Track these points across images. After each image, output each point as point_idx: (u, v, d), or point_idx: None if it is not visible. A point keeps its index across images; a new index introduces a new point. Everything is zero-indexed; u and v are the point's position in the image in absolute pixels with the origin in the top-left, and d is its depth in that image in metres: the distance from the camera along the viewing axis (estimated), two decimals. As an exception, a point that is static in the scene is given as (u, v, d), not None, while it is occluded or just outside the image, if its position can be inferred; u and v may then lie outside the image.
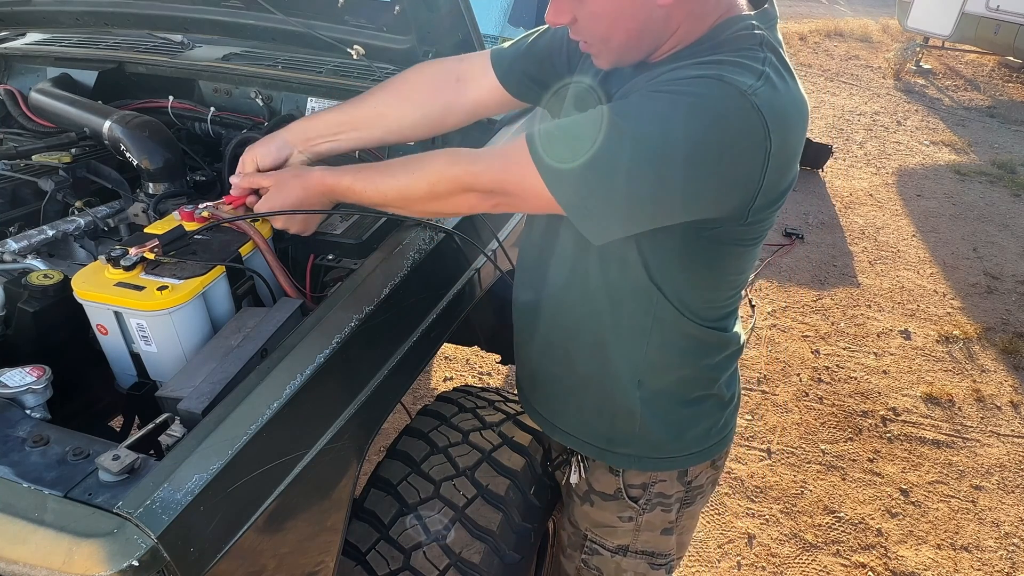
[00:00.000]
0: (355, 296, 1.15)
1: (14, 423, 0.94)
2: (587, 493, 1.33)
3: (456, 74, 1.31)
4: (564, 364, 1.24)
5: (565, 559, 1.46)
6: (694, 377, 1.21)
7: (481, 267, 1.47)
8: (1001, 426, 3.02)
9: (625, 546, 1.34)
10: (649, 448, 1.24)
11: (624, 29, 0.97)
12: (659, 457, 1.25)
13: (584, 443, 1.28)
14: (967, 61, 8.69)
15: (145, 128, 1.53)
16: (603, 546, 1.35)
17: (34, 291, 1.15)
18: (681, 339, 1.15)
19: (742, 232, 1.01)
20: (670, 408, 1.21)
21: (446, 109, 1.32)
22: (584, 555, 1.38)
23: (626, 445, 1.24)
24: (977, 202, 5.09)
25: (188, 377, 1.01)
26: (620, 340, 1.16)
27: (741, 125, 0.87)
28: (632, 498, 1.28)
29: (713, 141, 0.88)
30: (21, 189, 1.53)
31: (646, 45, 1.00)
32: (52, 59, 1.96)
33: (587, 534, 1.36)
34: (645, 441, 1.23)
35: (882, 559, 2.40)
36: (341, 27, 1.55)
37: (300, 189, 1.18)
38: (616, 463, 1.27)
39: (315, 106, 1.84)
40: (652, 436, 1.22)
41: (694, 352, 1.18)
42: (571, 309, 1.18)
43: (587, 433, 1.27)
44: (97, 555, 0.74)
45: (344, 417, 1.08)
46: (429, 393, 3.02)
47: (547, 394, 1.33)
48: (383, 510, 1.33)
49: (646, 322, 1.13)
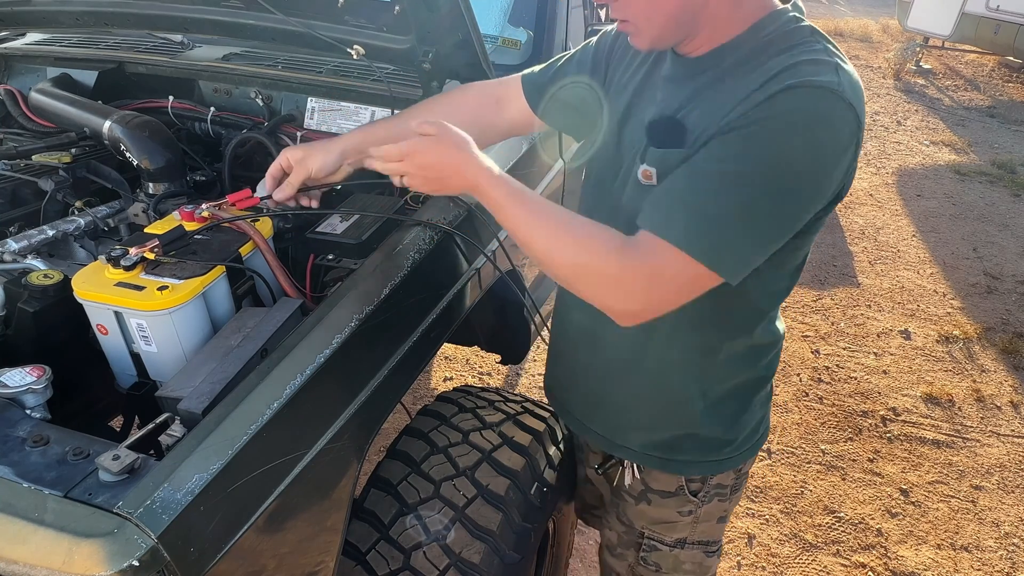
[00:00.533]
0: (355, 296, 1.15)
1: (14, 423, 0.94)
2: (643, 492, 1.34)
3: (496, 96, 1.36)
4: (627, 386, 1.25)
5: (613, 558, 1.46)
6: (753, 379, 1.23)
7: (481, 267, 1.47)
8: (1001, 426, 3.02)
9: (684, 539, 1.35)
10: (710, 451, 1.26)
11: (665, 7, 0.97)
12: (719, 459, 1.27)
13: (647, 456, 1.28)
14: (967, 61, 8.68)
15: (145, 128, 1.53)
16: (662, 541, 1.36)
17: (34, 291, 1.15)
18: (746, 346, 1.18)
19: (819, 218, 1.02)
20: (730, 412, 1.23)
21: (487, 129, 1.35)
22: (643, 552, 1.38)
23: (688, 452, 1.26)
24: (977, 202, 5.09)
25: (188, 377, 1.01)
26: (689, 360, 1.17)
27: (841, 123, 0.91)
28: (692, 492, 1.30)
29: (827, 149, 0.91)
30: (21, 189, 1.54)
31: (684, 27, 0.99)
32: (52, 59, 1.96)
33: (644, 531, 1.37)
34: (706, 446, 1.25)
35: (882, 559, 2.40)
36: (341, 27, 1.55)
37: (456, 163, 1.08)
38: (679, 471, 1.28)
39: (315, 106, 1.84)
40: (713, 441, 1.24)
41: (755, 355, 1.20)
42: (637, 334, 1.11)
43: (649, 446, 1.27)
44: (97, 555, 0.74)
45: (344, 417, 1.08)
46: (429, 393, 3.02)
47: (607, 414, 1.32)
48: (383, 510, 1.33)
49: (719, 338, 1.15)
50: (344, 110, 1.81)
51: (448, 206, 1.42)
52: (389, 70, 1.78)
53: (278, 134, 1.77)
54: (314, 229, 1.35)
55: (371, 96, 1.78)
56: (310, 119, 1.83)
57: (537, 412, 1.61)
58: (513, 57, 2.00)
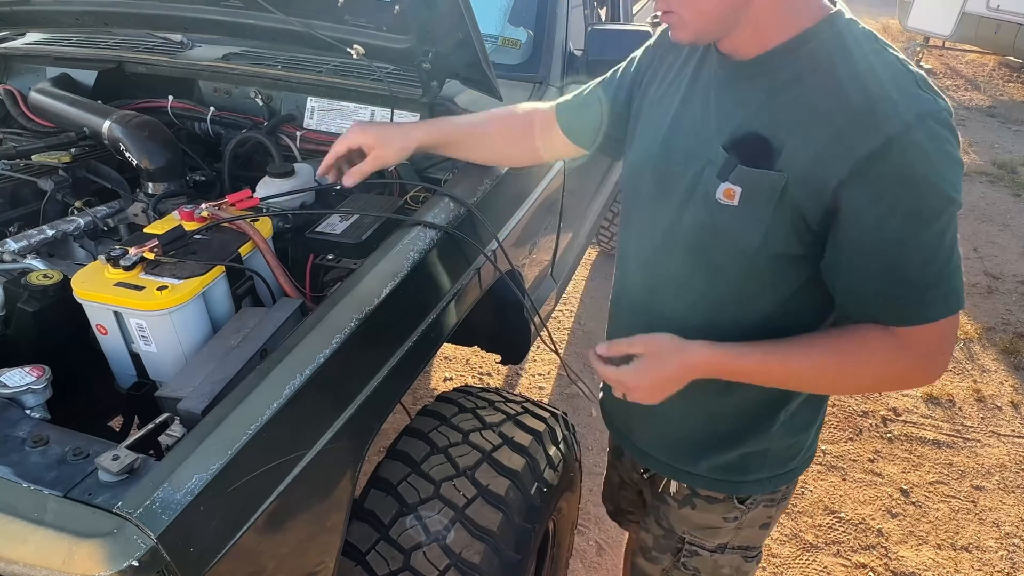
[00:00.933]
0: (355, 296, 1.15)
1: (14, 423, 0.94)
2: (688, 497, 1.30)
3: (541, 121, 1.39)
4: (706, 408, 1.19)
5: (647, 561, 1.43)
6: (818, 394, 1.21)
7: (481, 267, 1.46)
8: (1001, 426, 3.02)
9: (725, 544, 1.33)
10: (778, 465, 1.24)
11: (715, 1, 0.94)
12: (784, 472, 1.25)
13: (716, 481, 1.25)
14: (967, 61, 8.68)
15: (145, 128, 1.53)
16: (703, 547, 1.33)
17: (34, 291, 1.15)
18: None
19: None
20: (803, 420, 1.21)
21: (534, 150, 1.42)
22: (682, 558, 1.36)
23: (758, 470, 1.23)
24: (977, 202, 5.08)
25: (188, 377, 1.01)
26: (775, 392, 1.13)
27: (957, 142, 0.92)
28: (740, 500, 1.27)
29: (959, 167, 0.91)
30: (21, 189, 1.54)
31: (728, 23, 0.96)
32: (52, 59, 1.96)
33: (685, 536, 1.34)
34: (776, 461, 1.23)
35: (882, 559, 2.40)
36: (341, 27, 1.55)
37: (680, 368, 1.06)
38: (750, 491, 1.26)
39: (315, 105, 1.84)
40: (782, 454, 1.23)
41: None
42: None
43: (718, 469, 1.24)
44: (97, 555, 0.74)
45: (344, 417, 1.08)
46: (429, 393, 3.02)
47: (674, 440, 1.28)
48: (383, 510, 1.32)
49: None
50: (344, 110, 1.81)
51: (448, 206, 1.42)
52: (389, 70, 1.78)
53: (278, 134, 1.77)
54: (314, 229, 1.35)
55: (371, 96, 1.78)
56: (310, 119, 1.83)
57: (537, 412, 1.61)
58: (513, 57, 2.00)
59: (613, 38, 1.98)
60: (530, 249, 1.86)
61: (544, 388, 3.10)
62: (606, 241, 3.89)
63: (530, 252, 1.86)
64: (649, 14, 3.43)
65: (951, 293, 0.94)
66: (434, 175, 1.71)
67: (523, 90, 1.90)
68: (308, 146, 1.77)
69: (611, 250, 3.92)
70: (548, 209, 1.93)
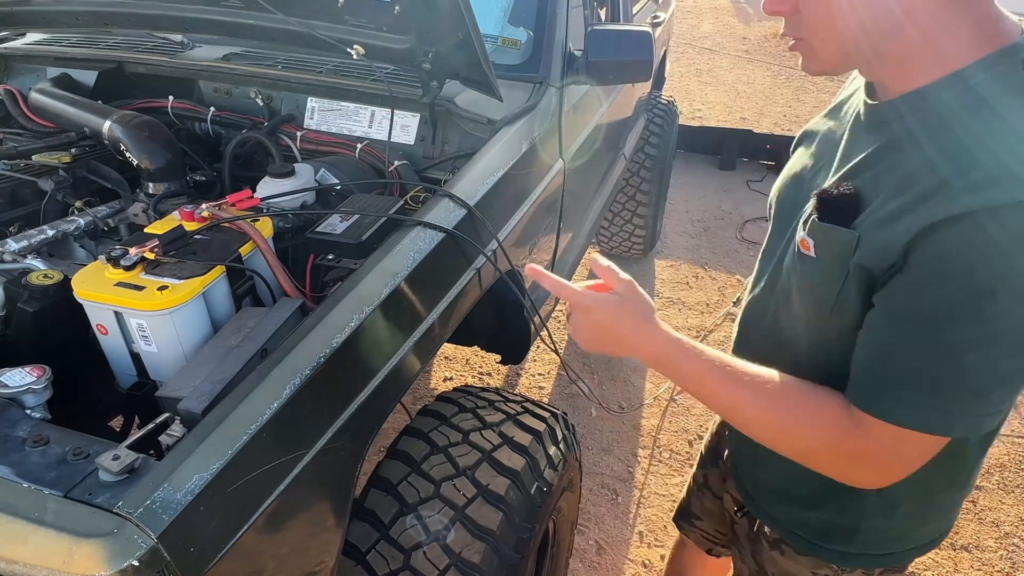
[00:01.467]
0: (355, 296, 1.15)
1: (14, 423, 0.94)
2: (777, 541, 1.21)
3: None
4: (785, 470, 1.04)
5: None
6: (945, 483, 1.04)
7: (481, 267, 1.46)
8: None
9: None
10: (869, 546, 1.10)
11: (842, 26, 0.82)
12: (878, 554, 1.11)
13: (791, 533, 1.16)
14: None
15: (145, 128, 1.53)
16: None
17: (34, 291, 1.15)
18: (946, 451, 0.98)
19: None
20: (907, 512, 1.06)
21: None
22: None
23: (841, 543, 1.11)
24: None
25: (188, 377, 1.01)
26: None
27: None
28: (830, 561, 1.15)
29: None
30: (21, 189, 1.54)
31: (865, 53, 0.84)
32: (52, 59, 1.96)
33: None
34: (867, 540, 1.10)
35: (882, 559, 2.40)
36: (341, 27, 1.55)
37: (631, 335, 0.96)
38: (828, 559, 1.14)
39: (315, 106, 1.84)
40: (876, 535, 1.09)
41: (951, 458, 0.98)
42: None
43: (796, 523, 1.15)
44: (97, 555, 0.74)
45: (344, 417, 1.08)
46: (429, 393, 3.02)
47: (763, 476, 1.20)
48: (383, 510, 1.33)
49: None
50: (344, 110, 1.81)
51: (448, 206, 1.42)
52: (389, 70, 1.78)
53: (278, 134, 1.77)
54: (314, 229, 1.35)
55: (371, 96, 1.78)
56: (310, 119, 1.84)
57: (537, 412, 1.61)
58: (513, 57, 2.00)
59: (613, 38, 1.98)
60: (530, 249, 1.86)
61: (544, 388, 3.11)
62: (606, 241, 3.89)
63: (530, 252, 1.87)
64: (649, 14, 3.42)
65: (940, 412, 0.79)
66: (434, 175, 1.71)
67: (523, 90, 1.90)
68: (308, 146, 1.78)
69: (611, 250, 3.92)
70: (548, 209, 1.93)
